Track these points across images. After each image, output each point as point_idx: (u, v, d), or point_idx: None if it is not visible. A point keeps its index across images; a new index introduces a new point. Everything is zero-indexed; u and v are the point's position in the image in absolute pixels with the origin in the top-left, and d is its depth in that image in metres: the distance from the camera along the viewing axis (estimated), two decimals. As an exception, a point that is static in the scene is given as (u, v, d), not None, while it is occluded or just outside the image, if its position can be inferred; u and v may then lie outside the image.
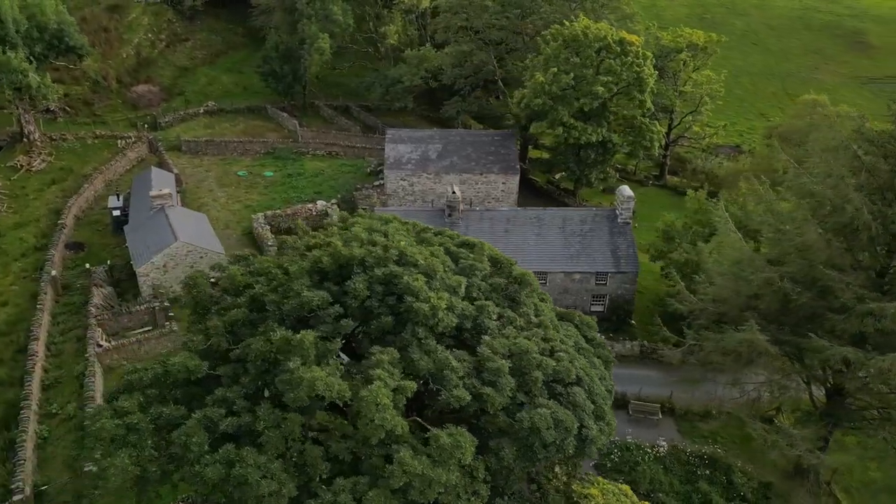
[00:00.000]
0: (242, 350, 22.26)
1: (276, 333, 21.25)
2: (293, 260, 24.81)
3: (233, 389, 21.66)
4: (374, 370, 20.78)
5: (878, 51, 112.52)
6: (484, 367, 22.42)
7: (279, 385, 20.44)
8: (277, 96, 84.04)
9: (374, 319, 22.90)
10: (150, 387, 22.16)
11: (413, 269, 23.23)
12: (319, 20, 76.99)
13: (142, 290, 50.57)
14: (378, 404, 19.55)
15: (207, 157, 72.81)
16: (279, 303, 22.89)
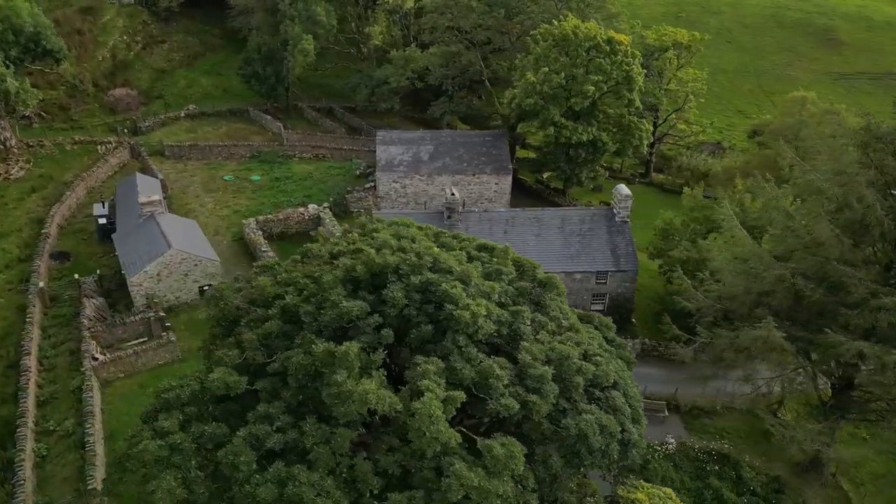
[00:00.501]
0: (280, 363, 21.62)
1: (318, 346, 20.66)
2: (322, 269, 24.18)
3: (275, 405, 21.03)
4: (422, 381, 20.36)
5: (848, 47, 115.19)
6: (526, 373, 22.14)
7: (327, 399, 19.88)
8: (260, 98, 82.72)
9: (413, 328, 22.44)
10: (189, 404, 21.39)
11: (448, 276, 22.86)
12: (302, 21, 75.94)
13: (135, 300, 49.27)
14: (431, 416, 19.15)
15: (192, 161, 71.34)
16: (315, 314, 22.30)
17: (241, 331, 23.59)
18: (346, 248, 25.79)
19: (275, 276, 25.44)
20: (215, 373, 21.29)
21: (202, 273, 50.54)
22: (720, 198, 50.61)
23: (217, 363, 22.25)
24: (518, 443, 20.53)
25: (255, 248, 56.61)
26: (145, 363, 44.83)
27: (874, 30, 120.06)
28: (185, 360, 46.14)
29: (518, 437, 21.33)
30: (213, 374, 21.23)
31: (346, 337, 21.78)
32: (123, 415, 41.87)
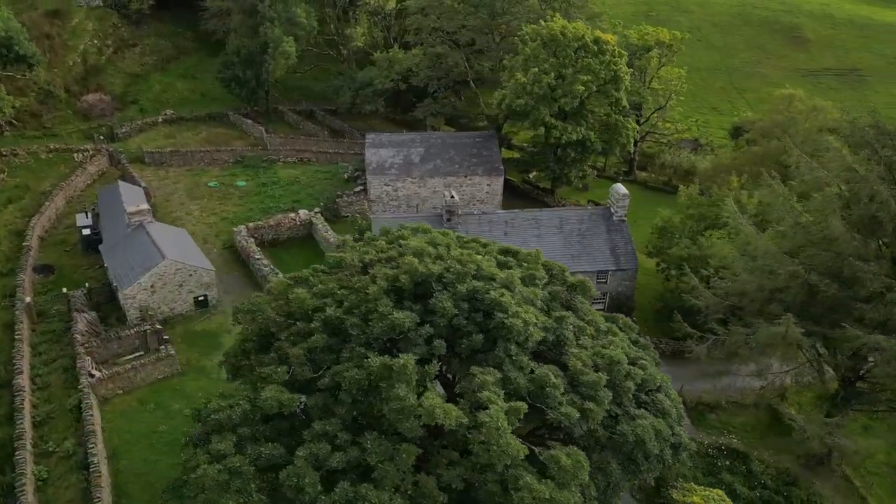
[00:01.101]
0: (331, 378, 20.96)
1: (374, 360, 20.07)
2: (360, 279, 23.54)
3: (331, 422, 20.35)
4: (482, 392, 19.94)
5: (814, 45, 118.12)
6: (578, 380, 21.91)
7: (390, 414, 19.30)
8: (239, 102, 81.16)
9: (463, 338, 21.98)
10: (241, 425, 20.56)
11: (493, 284, 22.47)
12: (283, 23, 74.68)
13: (128, 313, 47.74)
14: (499, 429, 18.77)
15: (173, 168, 69.57)
16: (362, 326, 21.68)
17: (283, 345, 22.82)
18: (378, 257, 25.20)
19: (310, 287, 24.68)
20: (267, 391, 20.53)
21: (197, 283, 49.23)
22: (715, 195, 51.30)
23: (265, 380, 21.44)
24: (581, 452, 20.29)
25: (248, 255, 55.42)
26: (144, 378, 43.44)
27: (837, 27, 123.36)
28: (185, 374, 44.93)
29: (569, 443, 21.03)
30: (266, 393, 20.47)
31: (396, 349, 21.25)
32: (125, 433, 40.54)
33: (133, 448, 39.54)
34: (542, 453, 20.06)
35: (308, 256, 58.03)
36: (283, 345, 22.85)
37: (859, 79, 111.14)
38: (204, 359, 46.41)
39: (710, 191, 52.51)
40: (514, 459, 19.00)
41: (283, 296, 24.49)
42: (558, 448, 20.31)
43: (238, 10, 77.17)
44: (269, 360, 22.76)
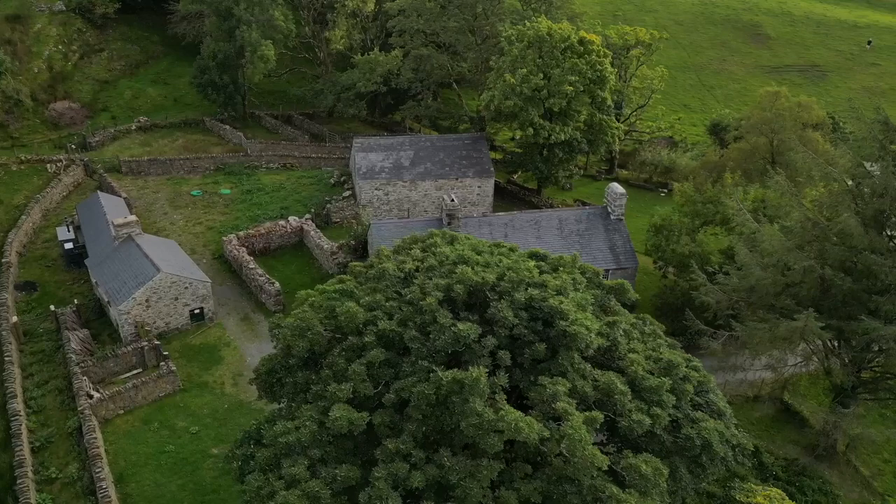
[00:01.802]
0: (396, 394, 20.32)
1: (444, 374, 19.48)
2: (410, 289, 22.90)
3: (403, 439, 19.71)
4: (557, 403, 19.60)
5: (776, 42, 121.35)
6: (640, 386, 21.76)
7: (469, 430, 18.77)
8: (215, 108, 79.23)
9: (525, 348, 21.58)
10: (311, 447, 19.71)
11: (547, 291, 22.16)
12: (260, 26, 73.14)
13: (122, 329, 46.02)
14: (581, 440, 18.47)
15: (152, 177, 67.48)
16: (422, 339, 21.09)
17: (337, 361, 22.04)
18: (415, 266, 24.62)
19: (357, 300, 23.93)
20: (336, 410, 19.76)
21: (192, 296, 47.76)
22: (710, 192, 51.99)
23: (331, 399, 20.62)
24: (657, 459, 20.13)
25: (240, 265, 54.06)
26: (145, 396, 41.90)
27: (796, 24, 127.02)
28: (187, 390, 43.53)
29: (636, 451, 20.86)
30: (335, 412, 19.70)
31: (459, 362, 20.74)
32: (130, 454, 39.00)
33: (141, 470, 38.08)
34: (618, 462, 19.85)
35: (301, 264, 57.06)
36: (338, 361, 22.06)
37: (820, 74, 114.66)
38: (205, 374, 45.07)
39: (703, 187, 53.17)
40: (596, 471, 18.73)
41: (326, 309, 23.64)
42: (632, 456, 20.10)
43: (212, 13, 75.31)
44: (325, 376, 21.96)
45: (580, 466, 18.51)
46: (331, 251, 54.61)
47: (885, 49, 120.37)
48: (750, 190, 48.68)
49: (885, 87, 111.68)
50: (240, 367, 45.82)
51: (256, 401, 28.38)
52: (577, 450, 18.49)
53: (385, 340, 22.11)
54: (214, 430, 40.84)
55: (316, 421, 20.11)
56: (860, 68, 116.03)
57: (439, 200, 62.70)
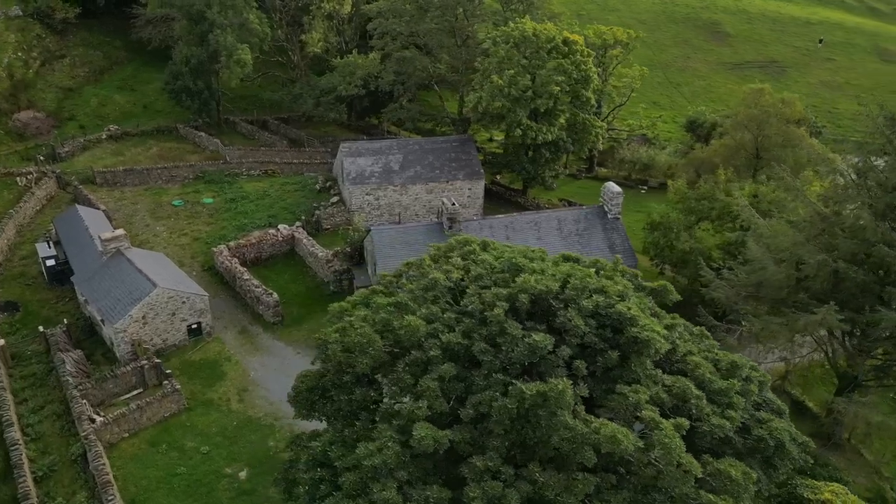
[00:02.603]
0: (474, 409, 19.74)
1: (526, 386, 18.97)
2: (470, 301, 22.32)
3: (490, 456, 19.13)
4: (643, 412, 19.36)
5: (735, 39, 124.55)
6: (709, 388, 21.70)
7: (561, 444, 18.34)
8: (188, 114, 76.94)
9: (598, 356, 21.26)
10: (397, 469, 18.93)
11: (613, 297, 21.92)
12: (234, 30, 71.27)
13: (119, 348, 44.13)
14: (675, 448, 18.26)
15: (128, 187, 65.06)
16: (493, 351, 20.57)
17: (403, 377, 21.35)
18: (461, 275, 24.11)
19: (412, 312, 23.22)
20: (420, 429, 19.08)
21: (190, 310, 46.16)
22: (703, 189, 52.82)
23: (409, 417, 19.91)
24: (741, 463, 20.08)
25: (234, 276, 52.54)
26: (150, 417, 40.26)
27: (753, 21, 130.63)
28: (193, 409, 42.03)
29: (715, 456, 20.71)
30: (420, 431, 19.01)
31: (531, 373, 20.31)
32: (140, 479, 37.43)
33: (153, 495, 36.58)
34: (704, 468, 19.69)
35: (294, 273, 55.83)
36: (404, 377, 21.34)
37: (779, 70, 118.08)
38: (209, 391, 43.61)
39: (696, 184, 54.04)
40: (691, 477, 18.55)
41: (380, 323, 22.82)
42: (716, 461, 20.00)
43: (183, 17, 73.00)
44: (392, 393, 21.25)
45: (676, 475, 18.35)
46: (326, 259, 53.56)
47: (837, 45, 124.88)
48: (744, 185, 49.64)
49: (840, 82, 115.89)
50: (244, 383, 44.51)
51: (294, 419, 27.34)
52: (673, 458, 18.33)
53: (449, 354, 21.55)
54: (226, 449, 39.54)
55: (397, 441, 19.43)
56: (816, 63, 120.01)
57: (430, 204, 62.41)
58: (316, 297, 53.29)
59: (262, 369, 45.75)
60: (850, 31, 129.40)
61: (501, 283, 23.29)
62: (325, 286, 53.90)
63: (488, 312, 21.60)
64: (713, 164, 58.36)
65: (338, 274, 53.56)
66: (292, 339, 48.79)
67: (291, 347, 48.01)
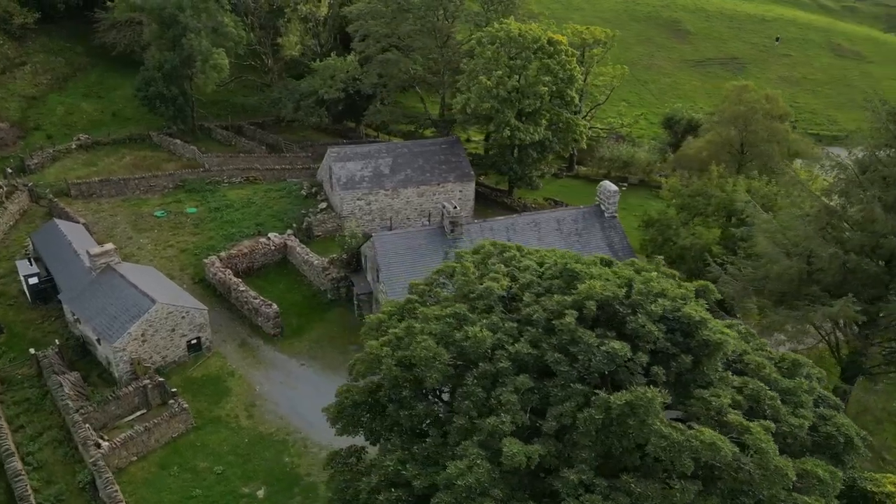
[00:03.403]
0: (556, 421, 19.28)
1: (616, 396, 18.61)
2: (533, 309, 21.84)
3: (581, 469, 18.67)
4: (728, 416, 19.22)
5: (695, 37, 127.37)
6: (777, 388, 21.71)
7: (658, 452, 18.05)
8: (160, 121, 74.51)
9: (671, 361, 21.05)
10: (492, 487, 18.27)
11: (678, 300, 21.80)
12: (209, 34, 69.31)
13: (117, 368, 42.30)
14: (770, 452, 18.17)
15: (105, 199, 62.57)
16: (567, 361, 20.17)
17: (473, 391, 20.76)
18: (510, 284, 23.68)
19: (471, 323, 22.59)
20: (510, 445, 18.52)
21: (190, 325, 44.60)
22: (696, 185, 53.59)
23: (494, 433, 19.29)
24: (823, 462, 20.14)
25: (228, 288, 51.03)
26: (158, 439, 38.70)
27: (711, 19, 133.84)
28: (201, 427, 40.58)
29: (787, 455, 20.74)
30: (511, 447, 18.42)
31: (613, 382, 19.98)
32: (154, 504, 35.92)
33: (169, 520, 35.15)
34: (797, 467, 19.60)
35: (289, 282, 54.54)
36: (475, 391, 20.72)
37: (740, 66, 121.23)
38: (215, 408, 42.20)
39: (688, 181, 54.80)
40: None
41: (439, 335, 22.14)
42: (798, 461, 19.99)
43: (153, 20, 70.57)
44: (465, 408, 20.60)
45: (772, 479, 18.31)
46: (322, 267, 52.44)
47: (793, 41, 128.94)
48: (738, 181, 50.51)
49: (798, 77, 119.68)
50: (251, 398, 43.21)
51: (337, 436, 26.49)
52: (769, 461, 18.28)
53: (520, 363, 21.12)
54: (240, 468, 38.29)
55: (485, 458, 18.87)
56: (774, 59, 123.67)
57: (421, 207, 61.83)
58: (313, 307, 52.22)
59: (267, 383, 44.51)
60: (803, 28, 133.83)
61: (557, 289, 22.99)
62: (322, 294, 52.81)
63: (556, 321, 21.26)
64: (700, 160, 59.42)
65: (335, 282, 52.56)
66: (294, 351, 47.62)
67: (295, 359, 46.86)
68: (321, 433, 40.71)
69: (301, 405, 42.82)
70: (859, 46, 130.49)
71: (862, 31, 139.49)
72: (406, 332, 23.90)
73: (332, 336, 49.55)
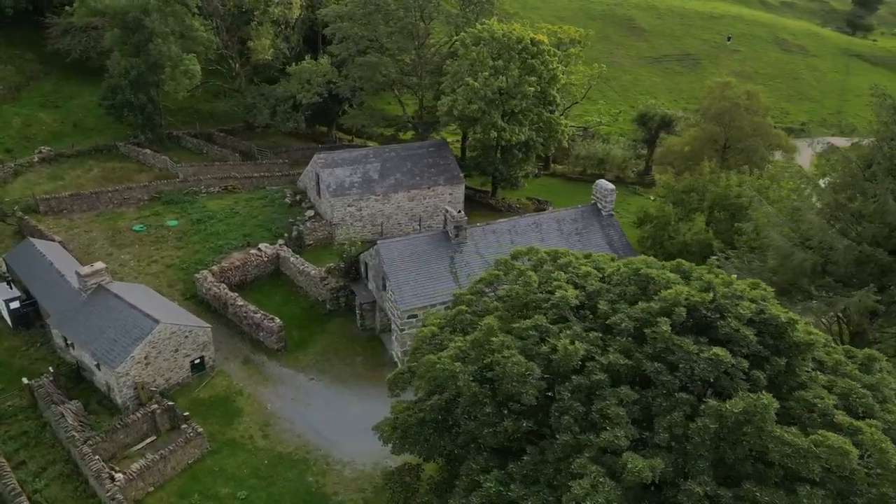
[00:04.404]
0: (667, 432, 18.84)
1: (732, 403, 18.26)
2: (620, 318, 21.33)
3: (703, 480, 18.26)
4: (837, 418, 19.19)
5: (650, 34, 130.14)
6: (863, 384, 21.92)
7: (788, 461, 17.71)
8: (127, 130, 71.32)
9: (765, 364, 20.91)
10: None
11: (761, 302, 21.73)
12: (177, 38, 66.61)
13: (120, 393, 40.03)
14: (888, 452, 18.21)
15: (77, 214, 59.28)
16: (665, 370, 19.78)
17: (571, 405, 20.16)
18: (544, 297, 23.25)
19: (558, 336, 21.97)
20: (634, 461, 17.97)
21: (193, 345, 42.64)
22: (688, 182, 54.52)
23: (609, 447, 18.71)
24: None
25: (224, 303, 49.08)
26: (175, 466, 36.78)
27: (663, 17, 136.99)
28: (217, 451, 38.81)
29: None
30: (634, 462, 17.89)
31: (719, 388, 19.69)
32: (179, 536, 34.11)
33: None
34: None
35: (285, 294, 52.91)
36: (573, 405, 20.10)
37: (694, 62, 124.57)
38: (228, 429, 40.45)
39: (680, 177, 55.73)
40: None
41: (521, 349, 21.46)
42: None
43: (116, 25, 67.30)
44: (565, 424, 19.98)
45: (891, 477, 18.39)
46: (320, 277, 51.01)
47: (741, 37, 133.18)
48: (732, 176, 51.64)
49: (749, 71, 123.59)
50: (263, 417, 41.61)
51: (395, 454, 25.60)
52: (889, 460, 18.34)
53: (613, 374, 20.68)
54: (264, 492, 36.78)
55: (605, 474, 18.33)
56: (725, 55, 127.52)
57: (412, 212, 60.98)
58: (313, 318, 50.77)
59: (278, 401, 42.95)
60: (750, 24, 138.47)
61: (632, 296, 22.72)
62: (321, 305, 51.39)
63: (647, 330, 20.95)
64: (685, 155, 60.60)
65: (334, 292, 51.20)
66: (301, 365, 46.16)
67: (302, 374, 45.41)
68: (342, 449, 39.74)
69: (316, 421, 41.56)
70: (802, 41, 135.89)
71: (802, 26, 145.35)
72: (473, 345, 23.21)
73: (336, 348, 48.26)
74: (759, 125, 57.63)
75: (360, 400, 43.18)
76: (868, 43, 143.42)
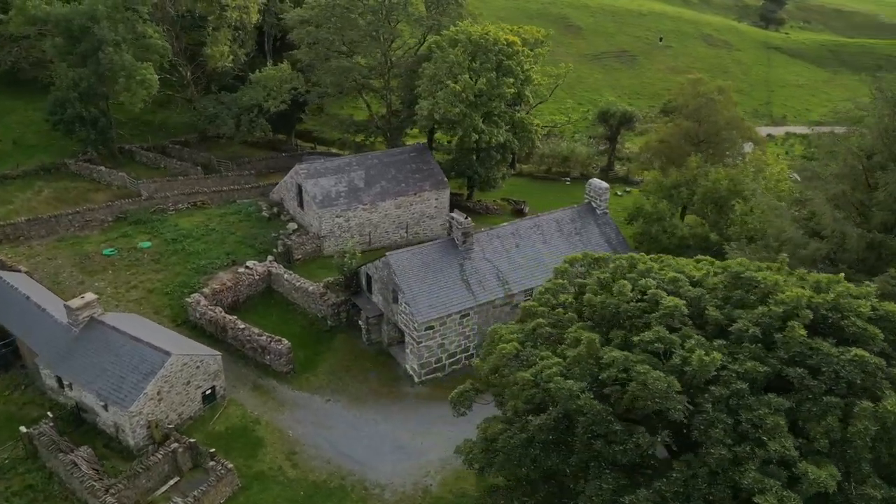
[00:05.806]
0: (827, 438, 18.55)
1: (890, 403, 18.21)
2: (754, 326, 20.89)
3: (878, 485, 18.02)
4: None
5: (587, 32, 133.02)
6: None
7: None
8: (73, 146, 66.30)
9: (891, 361, 21.07)
10: None
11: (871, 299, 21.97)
12: (130, 46, 62.45)
13: (132, 434, 36.91)
14: None
15: (36, 241, 54.50)
16: (811, 373, 19.55)
17: (717, 417, 19.63)
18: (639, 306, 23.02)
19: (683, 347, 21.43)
20: (813, 471, 17.48)
21: (204, 375, 39.91)
22: (675, 177, 55.75)
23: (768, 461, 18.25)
24: None
25: (223, 327, 46.30)
26: (207, 508, 34.23)
27: (596, 15, 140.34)
28: (248, 487, 36.46)
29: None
30: (814, 473, 17.46)
31: (855, 390, 19.69)
32: (225, 583, 31.71)
33: None
34: None
35: (281, 313, 50.47)
36: (720, 416, 19.53)
37: (631, 59, 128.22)
38: (254, 462, 38.08)
39: (667, 172, 56.86)
40: None
41: (643, 361, 20.85)
42: None
43: (59, 34, 62.33)
44: (715, 436, 19.41)
45: None
46: (319, 292, 48.97)
47: (670, 34, 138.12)
48: (720, 170, 53.11)
49: (682, 67, 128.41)
50: (288, 445, 39.44)
51: (479, 475, 24.57)
52: None
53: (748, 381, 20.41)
54: (307, 526, 34.83)
55: (784, 486, 17.95)
56: (658, 51, 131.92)
57: (399, 219, 59.60)
58: (315, 336, 48.66)
59: (298, 426, 40.83)
60: (676, 20, 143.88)
61: (738, 301, 22.64)
62: (322, 322, 49.30)
63: (779, 335, 20.84)
64: (661, 151, 62.04)
65: (335, 307, 49.23)
66: (314, 387, 44.11)
67: (318, 396, 43.41)
68: (377, 472, 38.19)
69: (343, 445, 39.81)
70: (726, 36, 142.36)
71: (723, 22, 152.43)
72: (575, 361, 22.56)
73: (346, 366, 46.41)
74: (732, 118, 59.67)
75: (385, 419, 41.68)
76: (782, 36, 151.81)
